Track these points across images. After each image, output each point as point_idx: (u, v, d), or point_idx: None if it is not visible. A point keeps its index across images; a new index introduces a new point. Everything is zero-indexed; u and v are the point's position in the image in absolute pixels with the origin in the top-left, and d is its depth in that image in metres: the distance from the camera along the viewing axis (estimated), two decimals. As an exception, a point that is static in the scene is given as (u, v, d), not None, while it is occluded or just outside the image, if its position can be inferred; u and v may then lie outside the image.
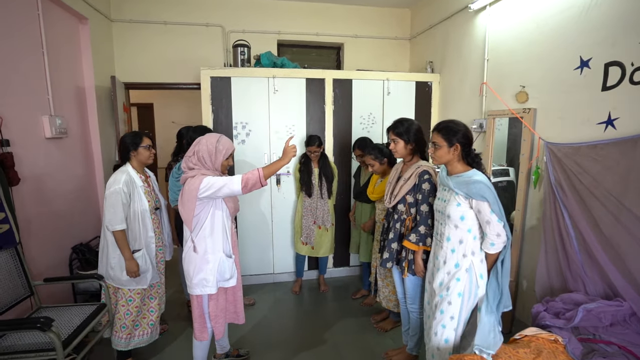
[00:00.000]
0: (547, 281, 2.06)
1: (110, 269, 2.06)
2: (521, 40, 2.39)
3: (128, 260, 2.01)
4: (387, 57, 4.01)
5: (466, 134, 1.65)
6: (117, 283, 2.08)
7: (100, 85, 3.11)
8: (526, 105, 2.35)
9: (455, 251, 1.68)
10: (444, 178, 1.74)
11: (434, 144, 1.69)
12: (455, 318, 1.68)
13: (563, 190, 2.00)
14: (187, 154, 1.79)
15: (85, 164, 2.97)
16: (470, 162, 1.68)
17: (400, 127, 1.98)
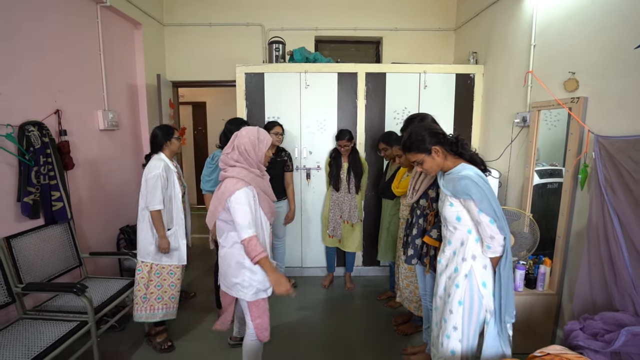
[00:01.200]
0: (589, 297, 1.77)
1: (150, 244, 2.23)
2: (573, 20, 2.09)
3: (162, 237, 2.20)
4: (429, 51, 3.81)
5: (432, 131, 1.52)
6: (154, 259, 2.25)
7: (150, 83, 3.43)
8: (576, 94, 2.05)
9: (456, 254, 1.55)
10: (439, 178, 1.63)
11: (416, 162, 1.57)
12: (459, 329, 1.54)
13: (614, 191, 1.70)
14: (224, 150, 1.68)
15: (135, 154, 3.30)
16: (457, 151, 1.53)
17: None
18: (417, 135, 1.53)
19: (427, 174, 1.61)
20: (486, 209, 1.39)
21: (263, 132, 1.72)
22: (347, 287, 3.21)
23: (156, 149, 2.28)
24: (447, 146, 1.52)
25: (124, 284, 2.36)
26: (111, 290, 2.26)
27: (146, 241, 2.23)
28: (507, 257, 1.43)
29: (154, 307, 2.25)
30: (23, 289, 1.97)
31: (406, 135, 1.59)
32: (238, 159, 1.64)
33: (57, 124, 2.36)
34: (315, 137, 3.25)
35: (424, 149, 1.52)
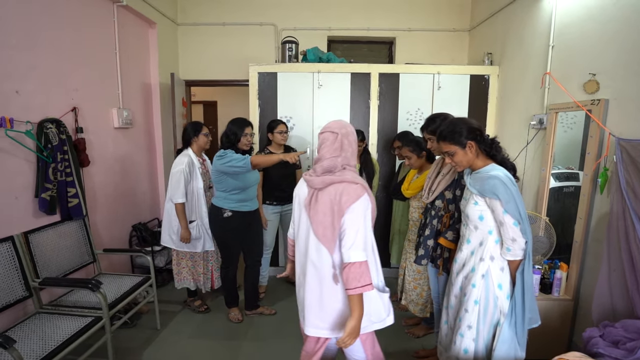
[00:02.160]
0: (609, 303, 1.73)
1: (173, 234, 2.52)
2: (594, 19, 2.05)
3: (183, 229, 2.44)
4: (443, 51, 3.77)
5: (471, 127, 1.50)
6: (178, 247, 2.53)
7: (163, 82, 3.46)
8: (596, 95, 2.01)
9: (474, 254, 1.55)
10: (465, 176, 1.62)
11: (447, 153, 1.55)
12: (474, 328, 1.53)
13: (635, 195, 1.66)
14: (325, 152, 1.33)
15: (148, 152, 3.33)
16: (490, 152, 1.52)
17: (432, 125, 1.89)
18: (455, 126, 1.52)
19: (455, 167, 1.59)
20: (512, 211, 1.37)
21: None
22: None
23: (185, 144, 2.48)
24: (481, 144, 1.51)
25: (137, 280, 2.37)
26: (124, 287, 2.28)
27: (165, 229, 2.54)
28: (529, 262, 1.41)
29: (187, 278, 2.65)
30: (40, 283, 1.99)
31: (444, 125, 1.58)
32: (349, 161, 1.36)
33: (74, 122, 2.39)
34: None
35: (460, 141, 1.50)
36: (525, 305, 1.43)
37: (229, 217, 2.29)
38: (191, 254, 2.61)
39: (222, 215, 2.30)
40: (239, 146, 2.27)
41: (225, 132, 2.31)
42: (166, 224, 2.54)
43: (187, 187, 2.44)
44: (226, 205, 2.29)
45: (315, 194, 1.32)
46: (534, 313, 1.46)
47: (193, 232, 2.48)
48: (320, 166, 1.34)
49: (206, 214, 2.50)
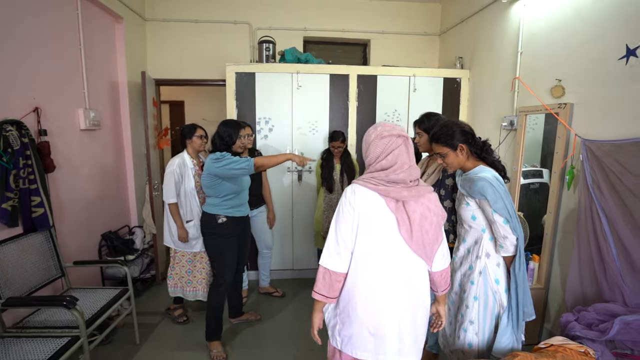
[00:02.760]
0: (580, 290, 1.90)
1: (172, 235, 2.52)
2: (558, 30, 2.22)
3: (179, 228, 2.45)
4: (415, 54, 3.90)
5: (463, 130, 1.58)
6: (177, 246, 2.53)
7: (132, 80, 3.26)
8: (562, 100, 2.19)
9: (470, 252, 1.62)
10: (457, 177, 1.69)
11: (439, 154, 1.62)
12: (475, 322, 1.59)
13: (601, 191, 1.84)
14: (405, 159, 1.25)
15: (117, 155, 3.12)
16: (480, 154, 1.59)
17: (425, 122, 1.92)
18: (448, 129, 1.58)
19: (446, 168, 1.66)
20: (500, 210, 1.45)
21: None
22: (340, 288, 3.22)
23: (182, 146, 2.52)
24: (472, 147, 1.57)
25: (113, 294, 2.22)
26: (100, 302, 2.12)
27: (165, 230, 2.55)
28: (521, 258, 1.49)
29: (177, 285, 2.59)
30: (3, 304, 1.80)
31: (438, 126, 1.63)
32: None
33: (37, 123, 2.18)
34: (307, 139, 3.23)
35: (451, 144, 1.56)
36: (519, 300, 1.51)
37: (224, 223, 2.18)
38: (190, 256, 2.56)
39: (216, 221, 2.17)
40: (233, 148, 2.19)
41: (218, 135, 2.17)
42: (166, 224, 2.54)
43: (180, 188, 2.44)
44: (220, 212, 2.17)
45: (407, 208, 1.21)
46: (528, 307, 1.53)
47: (190, 231, 2.47)
48: (408, 175, 1.22)
49: (199, 214, 2.43)
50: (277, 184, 3.21)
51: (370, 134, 1.30)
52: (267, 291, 3.10)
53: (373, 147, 1.26)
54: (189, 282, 2.58)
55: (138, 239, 3.09)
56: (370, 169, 1.29)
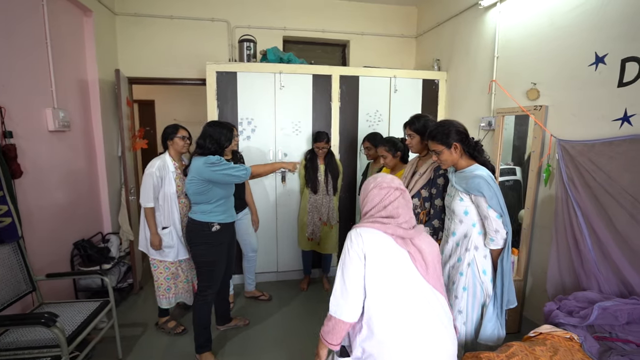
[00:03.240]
0: (559, 280, 2.03)
1: (147, 240, 2.36)
2: (533, 36, 2.36)
3: (153, 234, 2.31)
4: (393, 55, 3.99)
5: (458, 129, 1.66)
6: (150, 253, 2.38)
7: (103, 78, 3.06)
8: (537, 102, 2.33)
9: (459, 245, 1.69)
10: (450, 174, 1.76)
11: (435, 151, 1.70)
12: (464, 312, 1.67)
13: (576, 188, 1.98)
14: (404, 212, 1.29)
15: (88, 158, 2.92)
16: (473, 153, 1.67)
17: (417, 122, 1.98)
18: (444, 128, 1.64)
19: (440, 165, 1.73)
20: (494, 206, 1.52)
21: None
22: (325, 289, 3.23)
23: (163, 147, 2.40)
24: (466, 146, 1.64)
25: (93, 307, 2.08)
26: (79, 317, 1.97)
27: (140, 233, 2.40)
28: (508, 250, 1.58)
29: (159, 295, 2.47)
30: (-31, 325, 1.63)
31: (434, 125, 1.71)
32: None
33: (0, 124, 1.99)
34: (290, 139, 3.20)
35: (447, 142, 1.63)
36: (504, 289, 1.60)
37: (218, 231, 2.07)
38: (165, 264, 2.41)
39: (209, 230, 2.04)
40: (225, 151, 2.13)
41: (210, 136, 2.02)
42: (142, 228, 2.39)
43: (159, 191, 2.31)
44: (213, 219, 2.06)
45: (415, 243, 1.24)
46: (511, 295, 1.63)
47: (165, 239, 2.33)
48: (407, 223, 1.26)
49: (179, 220, 2.35)
50: (260, 185, 3.16)
51: (369, 183, 1.33)
52: (254, 295, 3.04)
53: (372, 196, 1.29)
54: (168, 288, 2.45)
55: (114, 247, 2.91)
56: (368, 216, 1.29)
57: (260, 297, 3.02)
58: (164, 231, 2.33)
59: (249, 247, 2.89)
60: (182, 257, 2.42)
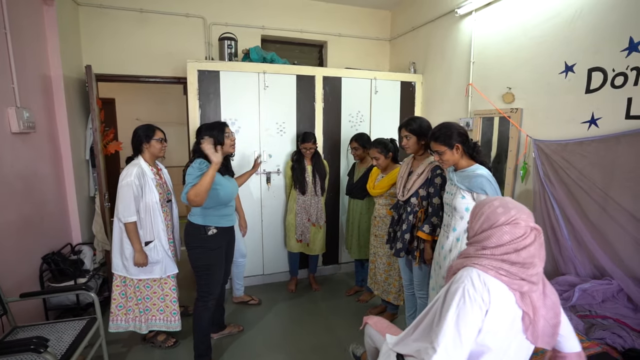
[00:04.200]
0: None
1: (125, 259, 2.12)
2: (508, 44, 2.57)
3: (138, 252, 2.08)
4: (369, 57, 4.09)
5: (460, 131, 1.77)
6: (133, 274, 2.14)
7: (68, 75, 2.79)
8: (512, 105, 2.54)
9: (460, 240, 1.78)
10: (450, 173, 1.86)
11: (437, 152, 1.79)
12: None
13: (552, 183, 2.20)
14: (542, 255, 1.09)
15: (54, 163, 2.65)
16: (472, 154, 1.79)
17: (413, 124, 2.07)
18: (447, 129, 1.74)
19: (441, 165, 1.83)
20: None
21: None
22: (314, 288, 3.24)
23: (135, 152, 2.15)
24: (465, 147, 1.74)
25: (79, 327, 1.90)
26: (66, 338, 1.79)
27: (115, 252, 2.14)
28: None
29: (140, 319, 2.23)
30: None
31: (437, 127, 1.80)
32: None
33: (-40, 128, 1.74)
34: (274, 140, 3.16)
35: (449, 143, 1.73)
36: None
37: (214, 235, 2.02)
38: (147, 282, 2.21)
39: (205, 233, 2.00)
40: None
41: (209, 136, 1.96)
42: (117, 247, 2.13)
43: (139, 202, 2.08)
44: (209, 222, 2.01)
45: (531, 297, 1.08)
46: None
47: (151, 254, 2.12)
48: (537, 276, 1.07)
49: (164, 232, 2.17)
50: (245, 187, 3.08)
51: (497, 213, 1.09)
52: (243, 300, 2.97)
53: (500, 232, 1.06)
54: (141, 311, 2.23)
55: (87, 258, 2.68)
56: (490, 254, 1.08)
57: (249, 301, 2.96)
58: (148, 246, 2.12)
59: (238, 252, 2.81)
60: (171, 272, 2.21)
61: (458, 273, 1.13)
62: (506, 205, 1.10)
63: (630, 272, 1.84)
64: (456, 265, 1.18)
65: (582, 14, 2.07)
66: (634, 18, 1.84)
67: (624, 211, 1.86)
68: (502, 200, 1.13)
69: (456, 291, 1.06)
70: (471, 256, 1.12)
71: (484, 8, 2.74)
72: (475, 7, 2.78)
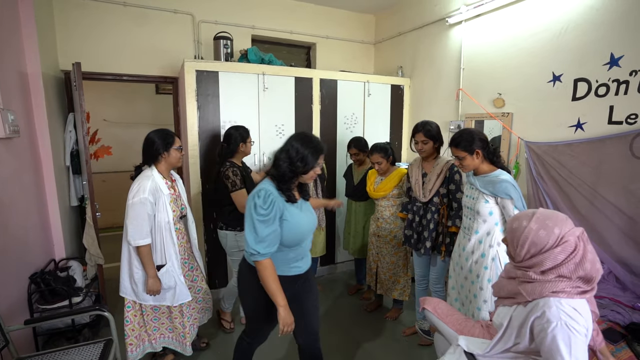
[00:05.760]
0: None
1: (134, 283, 1.91)
2: (498, 54, 2.79)
3: (152, 278, 1.88)
4: (356, 60, 4.17)
5: (480, 138, 1.87)
6: (142, 299, 1.94)
7: (47, 73, 2.50)
8: (503, 110, 2.77)
9: (482, 242, 1.89)
10: (470, 178, 1.97)
11: (458, 157, 1.89)
12: (489, 301, 1.89)
13: (544, 180, 2.44)
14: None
15: (34, 171, 2.37)
16: (492, 159, 1.91)
17: (431, 130, 2.19)
18: (468, 136, 1.83)
19: (462, 169, 1.92)
20: (520, 207, 1.77)
21: None
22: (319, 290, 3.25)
23: (149, 160, 1.89)
24: (485, 152, 1.85)
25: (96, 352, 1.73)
26: (82, 365, 1.64)
27: (124, 274, 1.94)
28: None
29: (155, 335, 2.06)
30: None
31: (457, 133, 1.88)
32: None
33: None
34: (274, 143, 3.12)
35: (470, 149, 1.82)
36: None
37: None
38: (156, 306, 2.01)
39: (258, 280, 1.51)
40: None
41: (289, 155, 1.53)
42: (125, 269, 1.92)
43: (151, 222, 1.86)
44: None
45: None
46: None
47: (162, 279, 1.91)
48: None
49: (176, 255, 1.94)
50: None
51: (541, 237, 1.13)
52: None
53: (552, 255, 1.11)
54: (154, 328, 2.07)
55: (77, 275, 2.43)
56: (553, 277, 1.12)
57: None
58: (160, 271, 1.91)
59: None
60: (184, 299, 1.99)
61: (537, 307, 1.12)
62: (545, 225, 1.13)
63: (617, 257, 2.12)
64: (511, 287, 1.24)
65: (568, 30, 2.32)
66: (614, 36, 2.11)
67: (610, 205, 2.13)
68: (537, 218, 1.16)
69: (556, 334, 1.05)
70: (536, 281, 1.14)
71: (474, 19, 2.94)
72: (465, 18, 2.98)
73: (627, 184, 2.07)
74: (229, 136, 2.35)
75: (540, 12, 2.47)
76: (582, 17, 2.24)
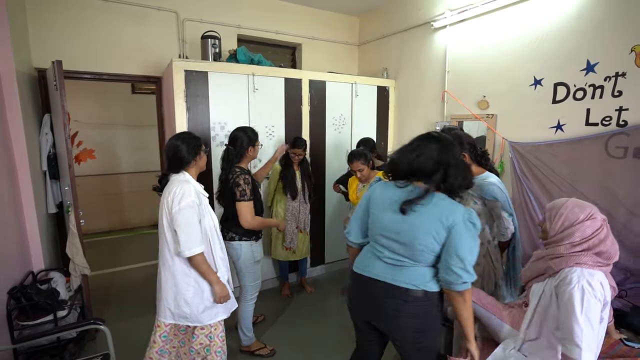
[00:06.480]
0: (523, 251, 2.62)
1: (186, 305, 1.68)
2: (482, 58, 2.91)
3: (217, 284, 1.71)
4: (339, 61, 4.20)
5: (468, 141, 1.94)
6: (197, 320, 1.72)
7: (22, 71, 2.33)
8: (487, 111, 2.90)
9: None
10: None
11: None
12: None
13: (527, 178, 2.59)
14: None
15: (8, 177, 2.19)
16: (480, 161, 1.98)
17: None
18: (457, 138, 1.83)
19: None
20: (507, 208, 1.86)
21: None
22: (308, 291, 3.25)
23: (179, 167, 1.72)
24: (473, 155, 1.92)
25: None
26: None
27: (167, 299, 1.69)
28: (518, 242, 1.97)
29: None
30: None
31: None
32: None
33: None
34: (264, 144, 3.07)
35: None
36: (516, 270, 2.00)
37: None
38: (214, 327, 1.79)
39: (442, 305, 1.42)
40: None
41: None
42: (169, 292, 1.69)
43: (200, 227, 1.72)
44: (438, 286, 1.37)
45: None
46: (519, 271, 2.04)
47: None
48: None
49: (224, 262, 1.83)
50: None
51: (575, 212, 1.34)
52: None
53: (582, 227, 1.31)
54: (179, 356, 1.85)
55: (60, 286, 2.29)
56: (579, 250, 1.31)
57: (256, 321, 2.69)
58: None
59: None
60: (233, 307, 1.87)
61: (563, 273, 1.31)
62: (580, 204, 1.36)
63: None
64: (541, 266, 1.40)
65: (549, 37, 2.47)
66: (590, 44, 2.27)
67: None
68: (574, 200, 1.39)
69: (574, 292, 1.23)
70: (564, 255, 1.33)
71: (458, 23, 3.06)
72: (450, 22, 3.09)
73: (602, 181, 2.24)
74: (235, 139, 2.17)
75: (522, 19, 2.60)
76: (562, 24, 2.39)
